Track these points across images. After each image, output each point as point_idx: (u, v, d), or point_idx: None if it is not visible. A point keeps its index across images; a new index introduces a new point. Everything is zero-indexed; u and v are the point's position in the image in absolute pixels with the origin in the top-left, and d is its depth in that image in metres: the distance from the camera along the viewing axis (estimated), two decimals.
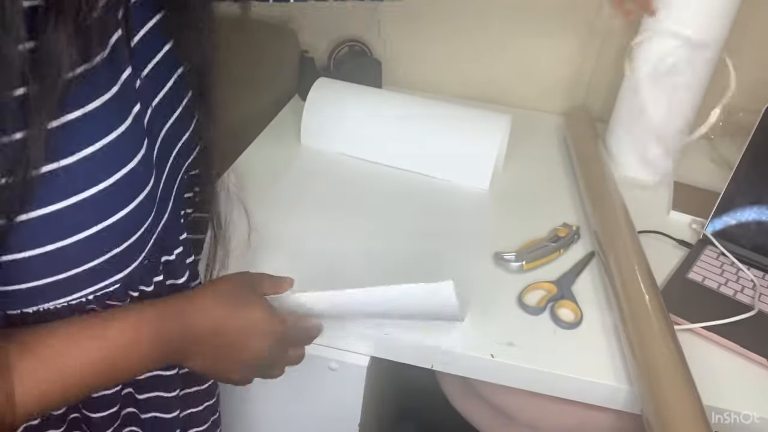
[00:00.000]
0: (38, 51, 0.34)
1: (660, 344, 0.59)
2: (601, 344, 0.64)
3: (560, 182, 0.93)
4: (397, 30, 1.12)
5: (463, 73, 1.14)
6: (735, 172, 0.79)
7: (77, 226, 0.39)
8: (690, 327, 0.66)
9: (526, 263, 0.73)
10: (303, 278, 0.70)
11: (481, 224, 0.82)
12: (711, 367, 0.62)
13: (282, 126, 1.03)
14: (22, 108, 0.34)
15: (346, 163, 0.92)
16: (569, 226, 0.80)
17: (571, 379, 0.60)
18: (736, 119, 1.06)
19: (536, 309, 0.67)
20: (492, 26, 1.09)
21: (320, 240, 0.76)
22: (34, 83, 0.34)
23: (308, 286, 0.67)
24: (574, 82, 1.12)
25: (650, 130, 0.95)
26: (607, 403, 0.61)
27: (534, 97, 1.13)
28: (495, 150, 0.87)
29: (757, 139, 0.78)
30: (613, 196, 0.82)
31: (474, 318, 0.66)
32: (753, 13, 0.99)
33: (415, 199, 0.85)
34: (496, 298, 0.69)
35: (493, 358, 0.62)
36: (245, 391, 0.70)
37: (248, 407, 0.72)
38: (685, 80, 0.89)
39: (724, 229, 0.80)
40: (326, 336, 0.57)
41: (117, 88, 0.40)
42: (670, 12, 0.86)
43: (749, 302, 0.70)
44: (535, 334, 0.65)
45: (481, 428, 0.77)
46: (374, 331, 0.64)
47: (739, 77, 0.88)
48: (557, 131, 1.09)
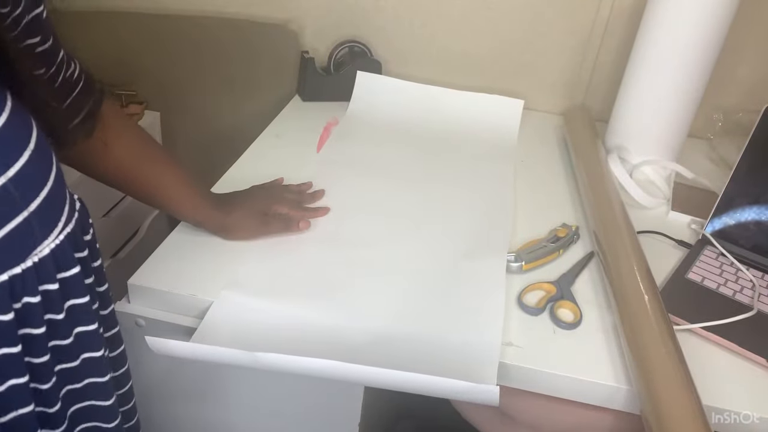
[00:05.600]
0: None
1: (659, 344, 0.59)
2: (600, 344, 0.64)
3: (560, 182, 0.93)
4: (398, 30, 1.12)
5: (463, 73, 1.14)
6: (734, 172, 0.80)
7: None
8: (689, 327, 0.66)
9: (526, 263, 0.73)
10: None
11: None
12: (710, 367, 0.62)
13: (282, 126, 1.03)
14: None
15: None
16: (568, 227, 0.80)
17: (571, 379, 0.60)
18: (736, 119, 1.06)
19: (536, 309, 0.67)
20: (492, 26, 1.09)
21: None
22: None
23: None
24: (574, 81, 1.12)
25: (650, 130, 0.95)
26: (607, 403, 0.61)
27: (534, 97, 1.14)
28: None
29: (756, 139, 0.78)
30: (612, 196, 0.82)
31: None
32: (753, 13, 0.99)
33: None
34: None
35: None
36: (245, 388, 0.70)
37: (248, 407, 0.72)
38: (684, 81, 0.89)
39: (723, 229, 0.80)
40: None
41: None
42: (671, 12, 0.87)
43: (748, 302, 0.70)
44: (535, 334, 0.65)
45: (481, 428, 0.77)
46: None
47: (739, 77, 0.88)
48: (557, 131, 1.09)
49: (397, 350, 0.61)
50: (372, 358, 0.58)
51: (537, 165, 0.97)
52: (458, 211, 0.83)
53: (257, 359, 0.56)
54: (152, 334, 0.57)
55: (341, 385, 0.66)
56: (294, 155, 0.93)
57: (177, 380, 0.71)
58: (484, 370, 0.58)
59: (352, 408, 0.68)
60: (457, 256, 0.74)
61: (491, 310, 0.66)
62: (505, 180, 0.91)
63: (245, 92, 1.19)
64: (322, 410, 0.70)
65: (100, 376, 0.52)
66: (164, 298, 0.66)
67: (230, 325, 0.62)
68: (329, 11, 1.13)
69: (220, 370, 0.68)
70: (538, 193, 0.90)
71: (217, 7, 1.15)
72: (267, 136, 0.99)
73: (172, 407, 0.73)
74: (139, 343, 0.58)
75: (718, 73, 0.92)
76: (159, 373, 0.70)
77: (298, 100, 1.13)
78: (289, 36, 1.13)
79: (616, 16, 1.05)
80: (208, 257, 0.70)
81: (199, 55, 1.16)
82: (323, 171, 0.89)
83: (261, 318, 0.63)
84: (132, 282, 0.66)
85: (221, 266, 0.69)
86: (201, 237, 0.73)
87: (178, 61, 1.17)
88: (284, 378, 0.67)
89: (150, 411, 0.73)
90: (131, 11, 1.16)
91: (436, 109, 1.07)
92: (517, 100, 1.06)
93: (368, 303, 0.66)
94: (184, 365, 0.68)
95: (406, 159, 0.95)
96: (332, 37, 1.15)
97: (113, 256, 1.12)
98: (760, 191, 0.78)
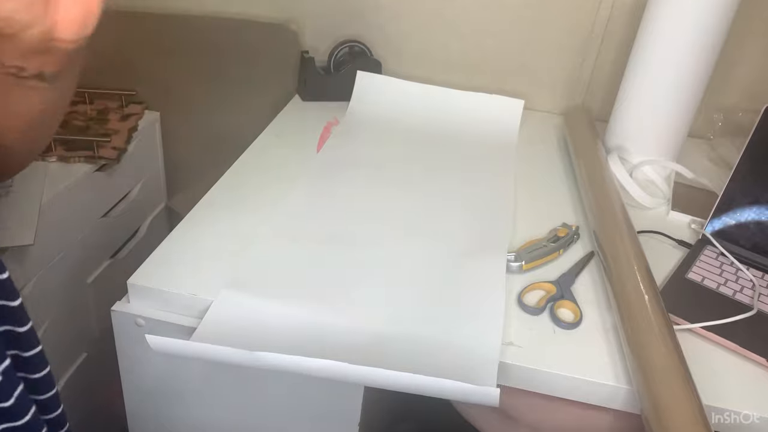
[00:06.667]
0: None
1: (659, 344, 0.59)
2: (600, 344, 0.64)
3: (560, 182, 0.93)
4: (398, 30, 1.12)
5: (463, 73, 1.14)
6: (734, 172, 0.80)
7: None
8: (689, 327, 0.66)
9: (526, 263, 0.73)
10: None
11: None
12: (711, 367, 0.62)
13: (282, 126, 1.03)
14: None
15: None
16: (569, 226, 0.80)
17: (571, 379, 0.60)
18: (736, 119, 1.06)
19: (536, 309, 0.67)
20: (492, 26, 1.09)
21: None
22: None
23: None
24: (573, 82, 1.12)
25: (650, 130, 0.95)
26: (607, 403, 0.61)
27: (534, 97, 1.14)
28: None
29: (756, 139, 0.78)
30: (612, 196, 0.82)
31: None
32: (753, 13, 0.99)
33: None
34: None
35: None
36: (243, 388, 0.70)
37: (247, 407, 0.72)
38: (684, 81, 0.89)
39: (723, 229, 0.80)
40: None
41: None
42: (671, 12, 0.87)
43: (749, 302, 0.70)
44: (535, 334, 0.65)
45: (481, 428, 0.77)
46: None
47: (739, 77, 0.88)
48: (556, 131, 1.09)
49: (397, 350, 0.61)
50: (372, 358, 0.58)
51: (537, 165, 0.97)
52: (458, 210, 0.83)
53: (257, 359, 0.55)
54: (152, 333, 0.57)
55: (341, 385, 0.66)
56: (294, 155, 0.93)
57: (176, 380, 0.71)
58: (484, 370, 0.58)
59: (352, 408, 0.68)
60: (456, 255, 0.74)
61: (491, 309, 0.66)
62: (505, 180, 0.91)
63: (245, 92, 1.19)
64: (322, 410, 0.70)
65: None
66: (164, 297, 0.66)
67: (230, 324, 0.62)
68: (329, 11, 1.13)
69: (219, 369, 0.68)
70: (538, 192, 0.90)
71: (218, 7, 1.15)
72: (267, 136, 0.99)
73: (172, 407, 0.73)
74: (138, 343, 0.58)
75: (718, 73, 0.92)
76: (158, 373, 0.70)
77: (298, 100, 1.13)
78: (289, 36, 1.13)
79: (616, 16, 1.05)
80: (208, 257, 0.70)
81: (199, 55, 1.16)
82: (323, 171, 0.89)
83: (261, 317, 0.63)
84: (132, 282, 0.66)
85: (221, 266, 0.69)
86: (201, 237, 0.73)
87: (178, 61, 1.17)
88: (284, 378, 0.67)
89: (149, 411, 0.73)
90: (131, 11, 1.16)
91: (437, 109, 1.07)
92: (517, 100, 1.06)
93: (368, 303, 0.66)
94: (184, 365, 0.68)
95: (407, 159, 0.95)
96: (332, 37, 1.15)
97: (113, 256, 1.12)
98: (760, 191, 0.78)
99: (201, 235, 0.73)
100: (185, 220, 0.76)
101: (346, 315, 0.64)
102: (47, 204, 0.90)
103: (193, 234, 0.74)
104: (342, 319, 0.64)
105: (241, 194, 0.82)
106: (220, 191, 0.83)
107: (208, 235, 0.73)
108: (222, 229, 0.75)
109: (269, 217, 0.78)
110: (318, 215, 0.80)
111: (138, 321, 0.66)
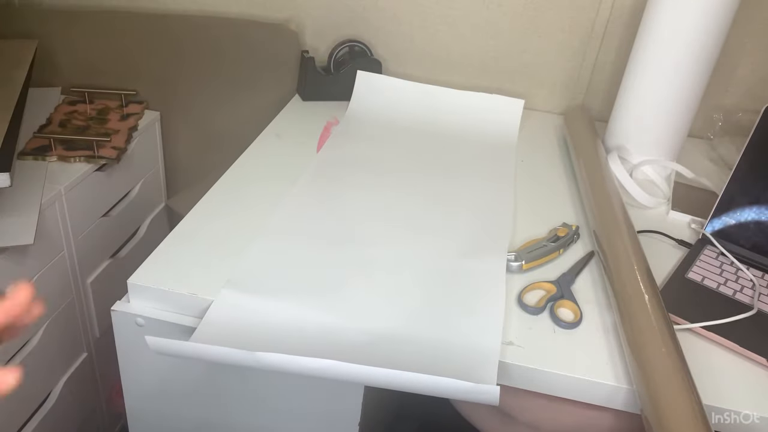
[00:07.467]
0: None
1: (659, 344, 0.59)
2: (600, 344, 0.64)
3: (560, 182, 0.93)
4: (398, 29, 1.12)
5: (463, 73, 1.14)
6: (734, 172, 0.80)
7: None
8: (689, 327, 0.66)
9: (526, 263, 0.73)
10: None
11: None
12: (711, 366, 0.62)
13: (282, 126, 1.03)
14: None
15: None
16: (569, 226, 0.80)
17: (571, 379, 0.60)
18: (736, 119, 1.06)
19: (536, 309, 0.67)
20: (492, 26, 1.09)
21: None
22: None
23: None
24: (573, 82, 1.12)
25: (650, 130, 0.95)
26: (607, 403, 0.61)
27: (534, 97, 1.14)
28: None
29: (756, 139, 0.78)
30: (612, 195, 0.82)
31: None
32: (753, 13, 0.99)
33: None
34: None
35: None
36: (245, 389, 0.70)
37: (248, 407, 0.72)
38: (684, 81, 0.89)
39: (723, 229, 0.80)
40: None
41: None
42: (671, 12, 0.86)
43: (749, 302, 0.70)
44: (535, 333, 0.65)
45: (481, 428, 0.77)
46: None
47: (739, 77, 0.88)
48: (556, 131, 1.09)
49: (397, 350, 0.61)
50: (372, 357, 0.58)
51: (537, 165, 0.97)
52: (458, 210, 0.83)
53: (257, 359, 0.55)
54: (152, 333, 0.57)
55: (341, 385, 0.66)
56: (294, 155, 0.93)
57: (176, 380, 0.71)
58: (484, 370, 0.58)
59: (352, 408, 0.68)
60: (457, 255, 0.74)
61: (491, 309, 0.66)
62: (505, 180, 0.91)
63: (245, 92, 1.19)
64: (322, 410, 0.70)
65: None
66: (164, 297, 0.66)
67: (230, 324, 0.62)
68: (329, 11, 1.13)
69: (219, 369, 0.68)
70: (538, 192, 0.90)
71: (217, 7, 1.15)
72: (267, 136, 0.99)
73: (172, 407, 0.73)
74: (138, 343, 0.58)
75: (718, 73, 0.92)
76: (158, 372, 0.70)
77: (298, 99, 1.13)
78: (289, 36, 1.13)
79: (616, 16, 1.05)
80: (208, 257, 0.70)
81: (199, 55, 1.16)
82: (323, 171, 0.89)
83: (261, 317, 0.63)
84: (132, 281, 0.66)
85: (221, 266, 0.69)
86: (201, 236, 0.73)
87: (178, 61, 1.17)
88: (284, 378, 0.67)
89: (149, 411, 0.73)
90: (131, 11, 1.16)
91: (437, 109, 1.07)
92: (517, 100, 1.06)
93: (368, 302, 0.66)
94: (184, 365, 0.68)
95: (407, 158, 0.95)
96: (332, 37, 1.15)
97: (113, 256, 1.12)
98: (760, 191, 0.78)
99: (201, 235, 0.73)
100: (185, 220, 0.76)
101: (346, 314, 0.64)
102: (47, 204, 0.90)
103: (193, 234, 0.74)
104: (342, 319, 0.64)
105: (241, 194, 0.82)
106: (220, 191, 0.83)
107: (208, 235, 0.73)
108: (222, 228, 0.75)
109: (269, 217, 0.78)
110: (318, 215, 0.80)
111: (138, 321, 0.66)
